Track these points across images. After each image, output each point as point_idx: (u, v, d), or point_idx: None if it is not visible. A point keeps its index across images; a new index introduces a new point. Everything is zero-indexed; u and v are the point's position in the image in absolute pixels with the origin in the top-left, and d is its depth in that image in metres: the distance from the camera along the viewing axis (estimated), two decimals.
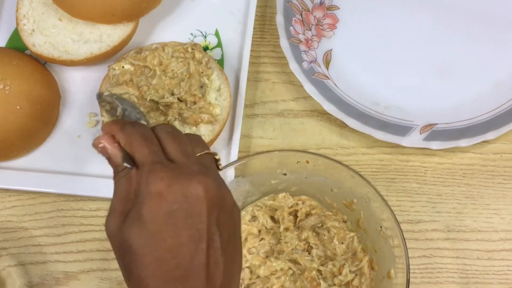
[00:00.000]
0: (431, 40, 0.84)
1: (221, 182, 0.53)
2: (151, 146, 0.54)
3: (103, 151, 0.55)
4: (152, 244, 0.49)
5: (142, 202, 0.50)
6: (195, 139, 0.58)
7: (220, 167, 0.57)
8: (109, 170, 0.75)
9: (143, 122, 0.60)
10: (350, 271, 0.70)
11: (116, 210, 0.52)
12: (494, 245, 0.76)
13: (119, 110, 0.62)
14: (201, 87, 0.75)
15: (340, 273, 0.70)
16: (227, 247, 0.51)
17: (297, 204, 0.73)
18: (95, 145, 0.56)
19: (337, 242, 0.71)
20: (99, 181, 0.76)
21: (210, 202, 0.50)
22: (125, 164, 0.53)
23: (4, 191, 0.78)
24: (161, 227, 0.49)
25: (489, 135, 0.77)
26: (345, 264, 0.70)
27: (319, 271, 0.70)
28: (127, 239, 0.50)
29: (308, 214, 0.73)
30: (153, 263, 0.49)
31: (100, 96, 0.66)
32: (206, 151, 0.56)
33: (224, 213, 0.52)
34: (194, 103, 0.74)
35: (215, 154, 0.57)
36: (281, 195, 0.73)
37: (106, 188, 0.75)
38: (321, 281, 0.70)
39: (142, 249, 0.49)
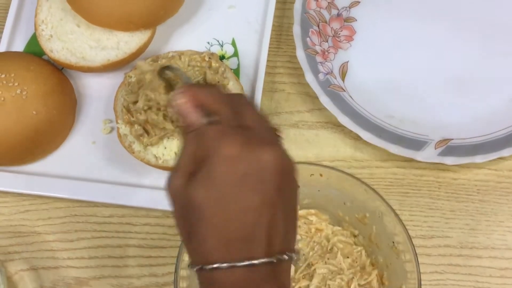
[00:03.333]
0: (448, 54, 0.83)
1: (289, 155, 0.53)
2: (230, 108, 0.53)
3: (181, 107, 0.53)
4: (221, 205, 0.49)
5: (215, 163, 0.50)
6: (264, 114, 0.57)
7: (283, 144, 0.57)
8: (123, 177, 0.77)
9: None
10: (359, 285, 0.70)
11: (182, 169, 0.51)
12: (507, 262, 0.75)
13: (182, 85, 0.60)
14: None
15: (349, 287, 0.70)
16: (288, 215, 0.52)
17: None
18: (172, 100, 0.54)
19: (341, 257, 0.71)
20: (113, 187, 0.77)
21: (279, 171, 0.50)
22: (204, 120, 0.52)
23: (18, 196, 0.78)
24: (232, 189, 0.49)
25: (505, 152, 0.76)
26: (353, 278, 0.70)
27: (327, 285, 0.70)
28: (195, 199, 0.50)
29: (318, 230, 0.73)
30: (220, 223, 0.49)
31: (162, 71, 0.65)
32: (274, 126, 0.56)
33: (289, 185, 0.52)
34: None
35: (280, 131, 0.56)
36: None
37: (119, 195, 0.76)
38: None
39: (211, 209, 0.49)
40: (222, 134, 0.51)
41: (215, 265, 0.49)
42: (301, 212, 0.74)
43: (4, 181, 0.77)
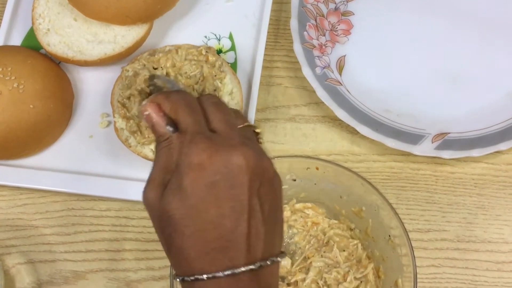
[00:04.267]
0: (445, 49, 0.83)
1: (262, 152, 0.53)
2: (195, 115, 0.53)
3: (148, 119, 0.54)
4: (193, 215, 0.49)
5: (183, 173, 0.50)
6: (237, 112, 0.58)
7: (260, 140, 0.57)
8: (121, 171, 0.77)
9: None
10: (355, 278, 0.70)
11: (155, 180, 0.51)
12: (504, 256, 0.75)
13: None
14: (214, 90, 0.75)
15: (345, 280, 0.70)
16: (268, 217, 0.51)
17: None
18: (140, 112, 0.55)
19: (337, 250, 0.71)
20: (110, 181, 0.77)
21: (251, 173, 0.50)
22: (168, 127, 0.53)
23: (16, 189, 0.79)
24: (203, 198, 0.49)
25: (502, 146, 0.76)
26: (349, 271, 0.70)
27: (323, 278, 0.70)
28: (168, 210, 0.50)
29: (314, 223, 0.73)
30: (195, 233, 0.49)
31: (152, 78, 0.66)
32: (247, 123, 0.56)
33: (265, 184, 0.51)
34: None
35: (256, 127, 0.57)
36: None
37: (116, 189, 0.76)
38: None
39: (183, 220, 0.49)
40: (188, 142, 0.50)
41: (194, 277, 0.49)
42: (297, 206, 0.74)
43: (1, 175, 0.77)
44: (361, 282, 0.70)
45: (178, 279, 0.51)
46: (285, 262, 0.72)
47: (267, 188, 0.52)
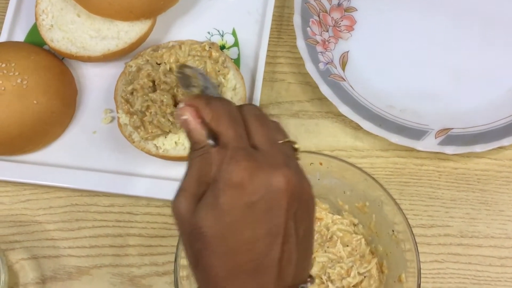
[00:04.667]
0: (448, 45, 0.83)
1: (302, 173, 0.51)
2: (237, 128, 0.51)
3: (185, 124, 0.52)
4: (227, 234, 0.47)
5: (221, 189, 0.48)
6: (276, 125, 0.55)
7: (298, 156, 0.54)
8: (124, 167, 0.77)
9: None
10: (358, 273, 0.70)
11: (188, 190, 0.49)
12: (507, 251, 0.75)
13: (198, 86, 0.59)
14: (218, 86, 0.75)
15: (349, 275, 0.70)
16: (301, 242, 0.50)
17: None
18: (177, 115, 0.53)
19: (341, 246, 0.71)
20: (113, 177, 0.77)
21: (290, 196, 0.48)
22: (209, 141, 0.50)
23: (19, 185, 0.79)
24: (239, 218, 0.47)
25: (505, 141, 0.76)
26: (353, 266, 0.70)
27: (327, 273, 0.71)
28: (201, 226, 0.48)
29: (318, 219, 0.73)
30: (227, 254, 0.48)
31: (182, 67, 0.64)
32: (287, 139, 0.53)
33: (302, 207, 0.50)
34: None
35: (295, 142, 0.54)
36: None
37: (120, 185, 0.76)
38: (329, 284, 0.70)
39: (216, 239, 0.48)
40: (229, 158, 0.48)
41: None
42: None
43: (5, 171, 0.77)
44: (364, 277, 0.70)
45: None
46: None
47: (304, 211, 0.50)
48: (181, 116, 0.52)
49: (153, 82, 0.75)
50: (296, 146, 0.54)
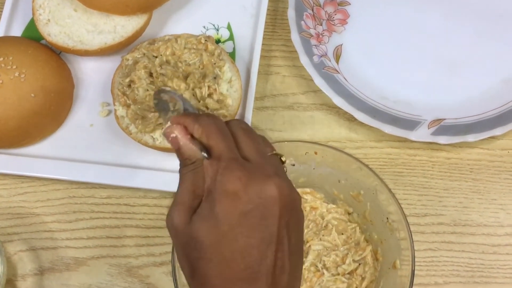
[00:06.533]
0: (440, 36, 0.85)
1: (292, 184, 0.52)
2: (228, 141, 0.52)
3: (175, 142, 0.53)
4: (223, 243, 0.49)
5: (217, 200, 0.49)
6: (264, 138, 0.57)
7: (285, 168, 0.56)
8: (121, 159, 0.78)
9: None
10: (353, 260, 0.71)
11: (182, 204, 0.51)
12: (499, 239, 0.76)
13: (177, 110, 0.60)
14: (214, 78, 0.76)
15: (344, 263, 0.71)
16: (294, 250, 0.51)
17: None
18: (166, 134, 0.54)
19: (336, 234, 0.72)
20: (110, 169, 0.77)
21: (283, 205, 0.50)
22: (203, 154, 0.52)
23: (17, 178, 0.79)
24: (235, 226, 0.49)
25: (497, 131, 0.77)
26: (348, 253, 0.71)
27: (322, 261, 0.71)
28: (197, 236, 0.49)
29: (313, 208, 0.74)
30: (222, 262, 0.49)
31: (157, 94, 0.65)
32: (275, 152, 0.55)
33: (293, 217, 0.51)
34: (210, 95, 0.75)
35: (282, 155, 0.56)
36: None
37: (117, 176, 0.77)
38: (325, 271, 0.70)
39: (212, 248, 0.49)
40: (223, 169, 0.50)
41: None
42: None
43: (3, 163, 0.78)
44: (359, 264, 0.71)
45: None
46: None
47: (295, 221, 0.52)
48: (170, 134, 0.53)
49: (151, 74, 0.76)
50: (283, 159, 0.56)
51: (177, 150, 0.53)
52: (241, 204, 0.49)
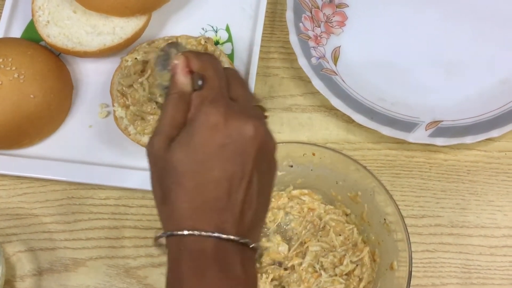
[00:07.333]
0: (438, 38, 0.85)
1: (270, 133, 0.54)
2: (221, 80, 0.54)
3: (174, 68, 0.55)
4: (198, 170, 0.50)
5: (197, 129, 0.51)
6: (254, 94, 0.60)
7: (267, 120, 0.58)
8: (119, 160, 0.78)
9: None
10: (351, 261, 0.71)
11: (163, 132, 0.52)
12: (496, 241, 0.77)
13: None
14: None
15: (341, 263, 0.71)
16: (262, 193, 0.53)
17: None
18: (171, 64, 0.56)
19: (333, 235, 0.72)
20: (109, 170, 0.78)
21: (259, 147, 0.51)
22: (198, 82, 0.53)
23: (16, 178, 0.80)
24: (211, 157, 0.50)
25: (494, 133, 0.77)
26: (345, 254, 0.71)
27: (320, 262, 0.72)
28: (173, 161, 0.50)
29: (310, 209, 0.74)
30: (195, 189, 0.50)
31: (169, 45, 0.64)
32: (261, 104, 0.57)
33: (266, 161, 0.53)
34: None
35: (267, 110, 0.58)
36: None
37: (116, 177, 0.77)
38: (322, 272, 0.71)
39: (187, 174, 0.50)
40: (209, 102, 0.52)
41: (185, 232, 0.49)
42: (294, 192, 0.75)
43: (2, 164, 0.78)
44: (357, 265, 0.71)
45: (165, 235, 0.51)
46: (282, 248, 0.74)
47: (267, 165, 0.53)
48: (174, 62, 0.55)
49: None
50: (266, 113, 0.57)
51: (173, 77, 0.55)
52: (219, 137, 0.50)
